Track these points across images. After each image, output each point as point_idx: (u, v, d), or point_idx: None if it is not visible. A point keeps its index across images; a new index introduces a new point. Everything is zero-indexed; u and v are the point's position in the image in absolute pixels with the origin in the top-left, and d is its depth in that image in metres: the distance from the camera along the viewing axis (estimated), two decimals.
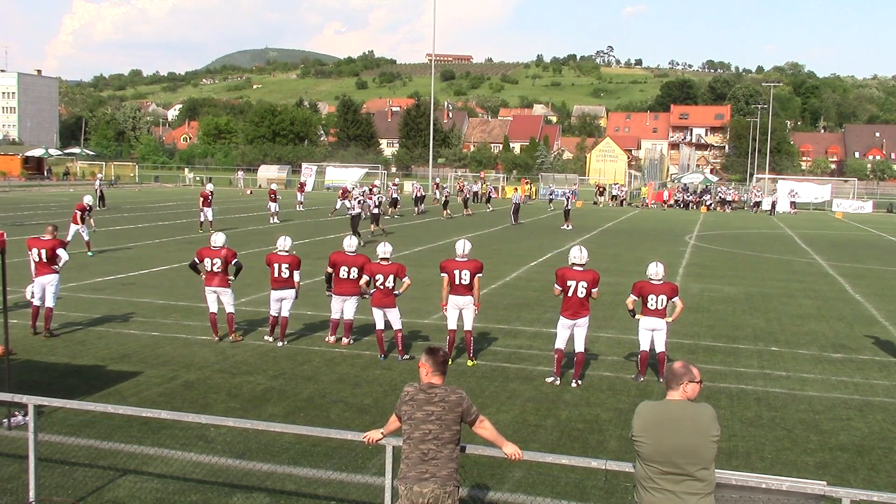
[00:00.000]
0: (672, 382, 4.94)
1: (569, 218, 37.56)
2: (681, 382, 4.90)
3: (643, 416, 4.88)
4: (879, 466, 8.18)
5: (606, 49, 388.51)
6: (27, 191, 58.93)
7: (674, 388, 4.93)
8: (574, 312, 10.71)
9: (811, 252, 29.36)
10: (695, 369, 5.00)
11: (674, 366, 5.02)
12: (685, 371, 4.94)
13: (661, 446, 4.73)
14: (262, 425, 6.43)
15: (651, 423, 4.82)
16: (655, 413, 4.87)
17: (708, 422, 4.77)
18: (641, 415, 4.90)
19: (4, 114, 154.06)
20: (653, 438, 4.76)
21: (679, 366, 4.99)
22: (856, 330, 15.12)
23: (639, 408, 4.98)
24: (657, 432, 4.76)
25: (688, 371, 4.94)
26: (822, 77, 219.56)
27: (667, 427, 4.75)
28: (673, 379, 4.94)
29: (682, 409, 4.85)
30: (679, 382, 4.91)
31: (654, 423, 4.81)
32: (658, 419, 4.82)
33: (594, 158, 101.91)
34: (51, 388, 9.67)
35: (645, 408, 4.96)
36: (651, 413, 4.88)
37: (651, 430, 4.78)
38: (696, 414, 4.82)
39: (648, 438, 4.77)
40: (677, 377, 4.92)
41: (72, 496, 6.89)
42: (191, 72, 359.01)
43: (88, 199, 23.74)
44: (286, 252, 12.54)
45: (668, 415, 4.82)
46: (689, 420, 4.77)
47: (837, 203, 61.69)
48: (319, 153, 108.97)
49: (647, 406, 4.98)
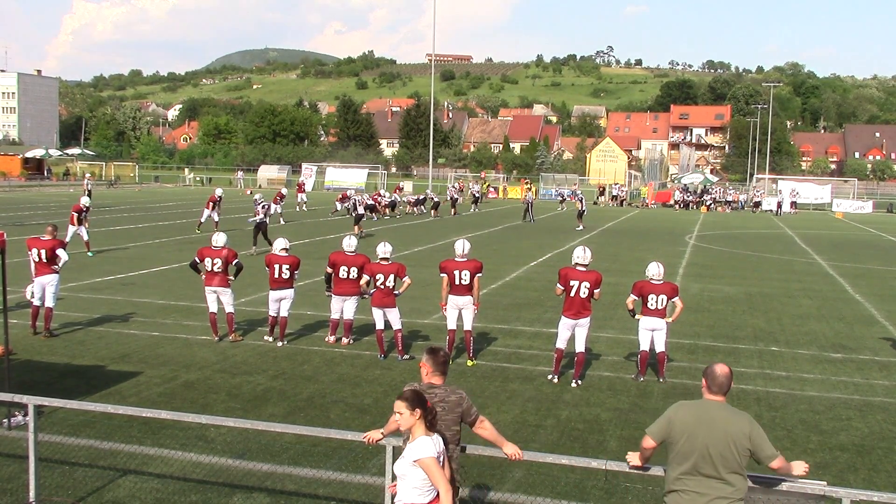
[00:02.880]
0: (714, 386, 4.92)
1: (581, 219, 37.52)
2: (724, 390, 4.91)
3: (681, 415, 4.88)
4: (879, 466, 8.18)
5: (606, 49, 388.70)
6: (27, 191, 58.94)
7: (715, 392, 4.92)
8: (576, 312, 10.71)
9: (811, 252, 29.35)
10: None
11: (724, 372, 4.95)
12: (730, 382, 4.95)
13: (695, 444, 4.74)
14: (262, 425, 6.42)
15: (688, 421, 4.82)
16: (694, 412, 4.87)
17: (744, 426, 4.77)
18: (679, 413, 4.90)
19: (4, 114, 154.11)
20: (688, 437, 4.77)
21: (728, 374, 4.95)
22: (856, 330, 15.12)
23: (675, 407, 4.99)
24: (693, 431, 4.77)
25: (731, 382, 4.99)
26: (822, 77, 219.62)
27: (703, 426, 4.76)
28: (716, 384, 4.91)
29: (720, 410, 4.86)
30: (723, 390, 4.91)
31: (692, 421, 4.81)
32: (696, 418, 4.82)
33: (594, 158, 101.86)
34: (51, 388, 9.66)
35: (683, 407, 4.96)
36: (689, 412, 4.89)
37: (687, 429, 4.79)
38: (734, 417, 4.84)
39: (683, 436, 4.78)
40: (721, 385, 4.91)
41: (72, 496, 6.89)
42: (191, 72, 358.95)
43: (85, 201, 23.75)
44: (286, 253, 12.55)
45: (707, 415, 4.83)
46: (725, 421, 4.78)
47: (837, 203, 61.67)
48: (319, 153, 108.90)
49: (685, 405, 4.98)
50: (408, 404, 4.68)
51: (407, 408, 4.67)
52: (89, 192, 42.48)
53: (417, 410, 4.67)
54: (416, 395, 4.74)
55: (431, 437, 4.70)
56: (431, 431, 4.74)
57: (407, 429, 4.72)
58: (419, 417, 4.66)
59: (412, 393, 4.77)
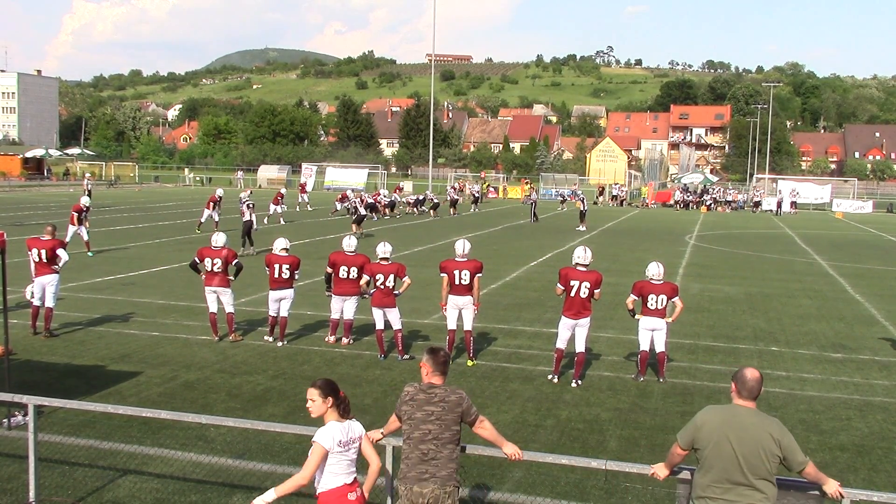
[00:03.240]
0: (744, 391, 4.85)
1: (584, 219, 37.50)
2: (754, 395, 4.84)
3: (709, 420, 4.82)
4: (879, 466, 8.18)
5: (606, 49, 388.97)
6: (27, 191, 58.94)
7: (745, 397, 4.85)
8: (576, 312, 10.71)
9: (811, 252, 29.36)
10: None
11: (755, 376, 4.87)
12: (760, 387, 4.89)
13: (724, 450, 4.68)
14: (262, 425, 6.42)
15: (717, 427, 4.76)
16: (723, 417, 4.82)
17: (775, 432, 4.71)
18: (707, 418, 4.84)
19: (4, 114, 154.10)
20: (717, 443, 4.72)
21: (758, 379, 4.88)
22: (856, 330, 15.12)
23: (703, 412, 4.93)
24: (722, 437, 4.72)
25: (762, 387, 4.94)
26: (822, 77, 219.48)
27: (733, 432, 4.71)
28: (747, 388, 4.84)
29: (750, 416, 4.79)
30: (753, 395, 4.84)
31: (721, 427, 4.75)
32: (726, 424, 4.76)
33: (594, 158, 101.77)
34: (51, 388, 9.66)
35: (711, 411, 4.91)
36: (718, 417, 4.83)
37: (716, 435, 4.74)
38: (764, 422, 4.77)
39: (711, 442, 4.73)
40: (752, 390, 4.84)
41: (72, 496, 6.89)
42: (191, 72, 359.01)
43: (85, 201, 23.76)
44: (286, 253, 12.55)
45: (736, 420, 4.76)
46: (755, 428, 4.72)
47: (837, 203, 61.68)
48: (319, 153, 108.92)
49: (714, 410, 4.93)
50: (320, 392, 4.96)
51: (319, 395, 4.96)
52: (89, 192, 42.55)
53: (329, 398, 4.94)
54: (328, 384, 5.01)
55: (341, 424, 4.96)
56: (344, 419, 5.01)
57: (318, 415, 4.98)
58: (331, 405, 4.93)
59: (324, 382, 5.04)
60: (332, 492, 4.91)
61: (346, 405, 5.04)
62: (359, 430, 5.08)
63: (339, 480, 4.91)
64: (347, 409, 5.05)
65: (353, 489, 4.97)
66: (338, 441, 4.88)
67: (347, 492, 4.93)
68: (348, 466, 4.95)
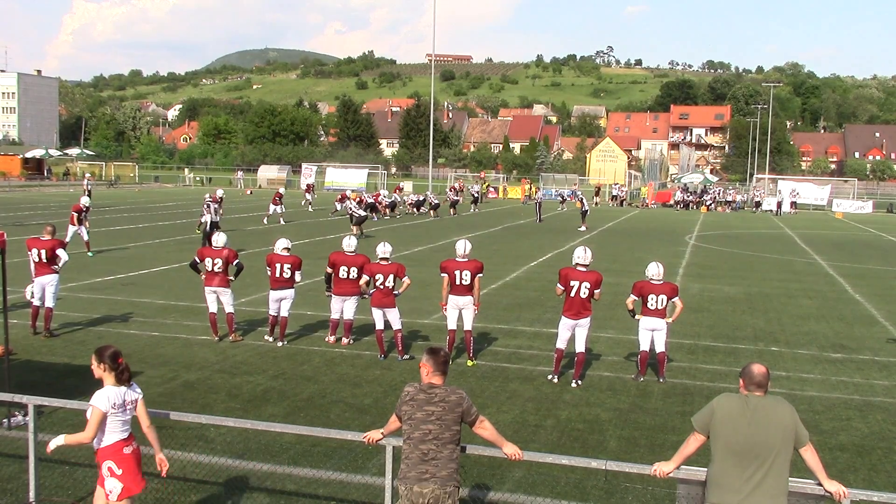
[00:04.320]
0: (752, 385, 4.93)
1: (585, 219, 37.50)
2: (763, 388, 4.91)
3: (724, 405, 4.89)
4: (879, 466, 8.18)
5: (606, 49, 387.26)
6: (27, 191, 58.92)
7: (754, 390, 4.93)
8: (576, 313, 10.71)
9: (811, 252, 29.35)
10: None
11: (761, 371, 4.96)
12: (767, 381, 4.96)
13: (740, 435, 4.74)
14: (262, 425, 6.43)
15: (733, 412, 4.83)
16: (738, 402, 4.88)
17: (789, 414, 4.80)
18: (722, 403, 4.91)
19: (4, 114, 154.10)
20: (733, 428, 4.78)
21: (765, 373, 4.96)
22: (856, 330, 15.12)
23: (718, 398, 5.00)
24: (738, 421, 4.78)
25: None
26: (821, 77, 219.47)
27: (746, 417, 4.78)
28: (754, 382, 4.92)
29: (764, 400, 4.87)
30: (762, 387, 4.91)
31: (736, 412, 4.82)
32: (740, 409, 4.83)
33: (594, 158, 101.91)
34: (51, 388, 9.66)
35: (726, 397, 4.98)
36: (733, 402, 4.90)
37: (732, 419, 4.80)
38: (779, 406, 4.86)
39: (727, 427, 4.79)
40: (760, 384, 4.91)
41: (72, 496, 6.89)
42: (191, 72, 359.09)
43: (85, 201, 23.74)
44: (287, 252, 12.55)
45: (750, 404, 4.84)
46: (770, 410, 4.80)
47: (837, 203, 61.67)
48: (319, 153, 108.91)
49: (729, 396, 5.00)
50: (95, 357, 5.54)
51: (94, 361, 5.54)
52: (89, 192, 42.54)
53: (103, 364, 5.50)
54: (100, 351, 5.55)
55: (117, 389, 5.50)
56: (120, 384, 5.54)
57: (98, 378, 5.54)
58: (104, 370, 5.48)
59: (99, 349, 5.59)
60: (110, 447, 5.48)
61: (122, 371, 5.56)
62: (134, 395, 5.63)
63: (116, 437, 5.48)
64: (126, 376, 5.59)
65: (129, 444, 5.56)
66: (112, 403, 5.43)
67: (123, 446, 5.51)
68: (123, 425, 5.51)
